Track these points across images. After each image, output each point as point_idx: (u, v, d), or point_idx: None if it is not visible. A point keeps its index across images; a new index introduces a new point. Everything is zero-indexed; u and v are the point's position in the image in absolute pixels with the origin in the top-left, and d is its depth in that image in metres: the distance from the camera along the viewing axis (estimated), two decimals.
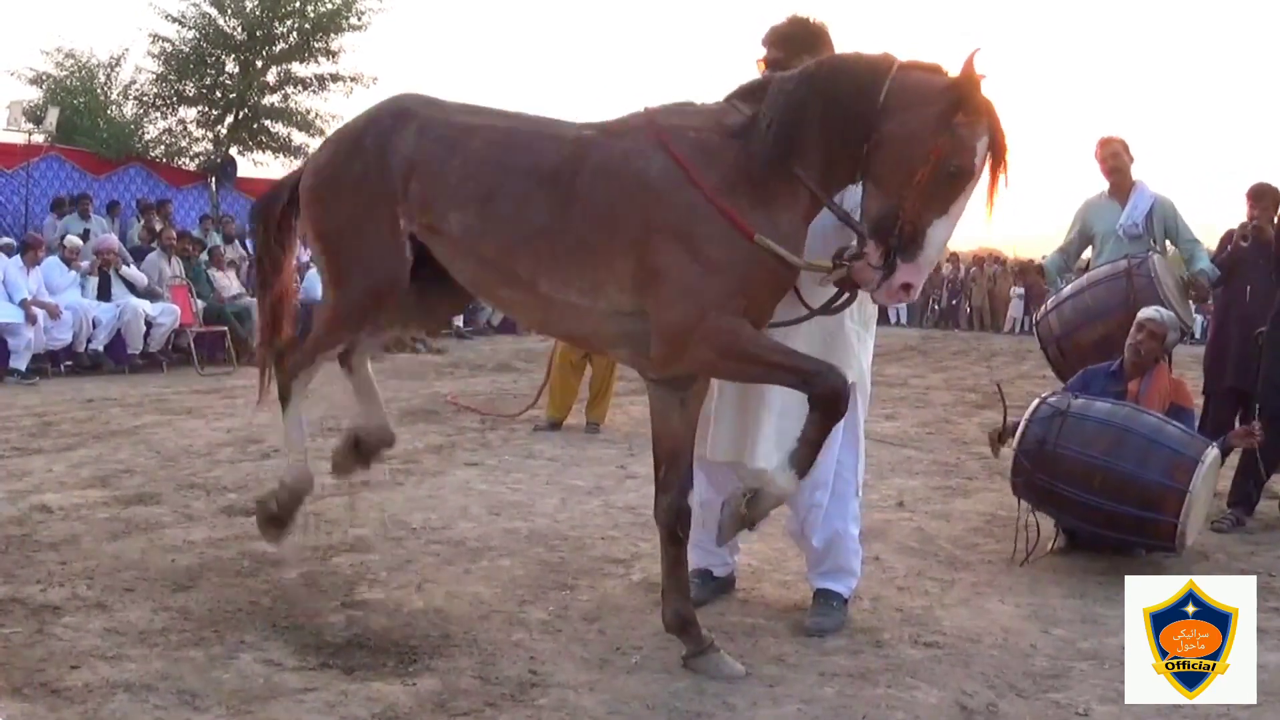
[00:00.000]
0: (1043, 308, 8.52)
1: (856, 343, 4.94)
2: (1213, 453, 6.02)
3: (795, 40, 4.78)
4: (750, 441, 4.87)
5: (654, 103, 4.48)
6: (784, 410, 4.73)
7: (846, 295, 4.46)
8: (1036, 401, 6.36)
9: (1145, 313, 6.82)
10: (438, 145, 4.52)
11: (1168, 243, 8.26)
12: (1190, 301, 8.08)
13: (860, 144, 4.09)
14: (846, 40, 4.68)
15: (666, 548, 4.62)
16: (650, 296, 4.21)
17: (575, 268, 4.30)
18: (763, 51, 4.87)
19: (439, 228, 4.51)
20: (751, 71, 4.84)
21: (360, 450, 5.32)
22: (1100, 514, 5.98)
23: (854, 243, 4.28)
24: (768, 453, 4.75)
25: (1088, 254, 8.76)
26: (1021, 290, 26.30)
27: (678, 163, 4.18)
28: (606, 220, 4.24)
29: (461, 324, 19.69)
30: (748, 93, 4.36)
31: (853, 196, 4.37)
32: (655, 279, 4.18)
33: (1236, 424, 7.65)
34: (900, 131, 4.00)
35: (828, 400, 4.12)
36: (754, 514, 4.28)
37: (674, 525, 4.61)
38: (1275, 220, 8.06)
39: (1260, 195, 8.14)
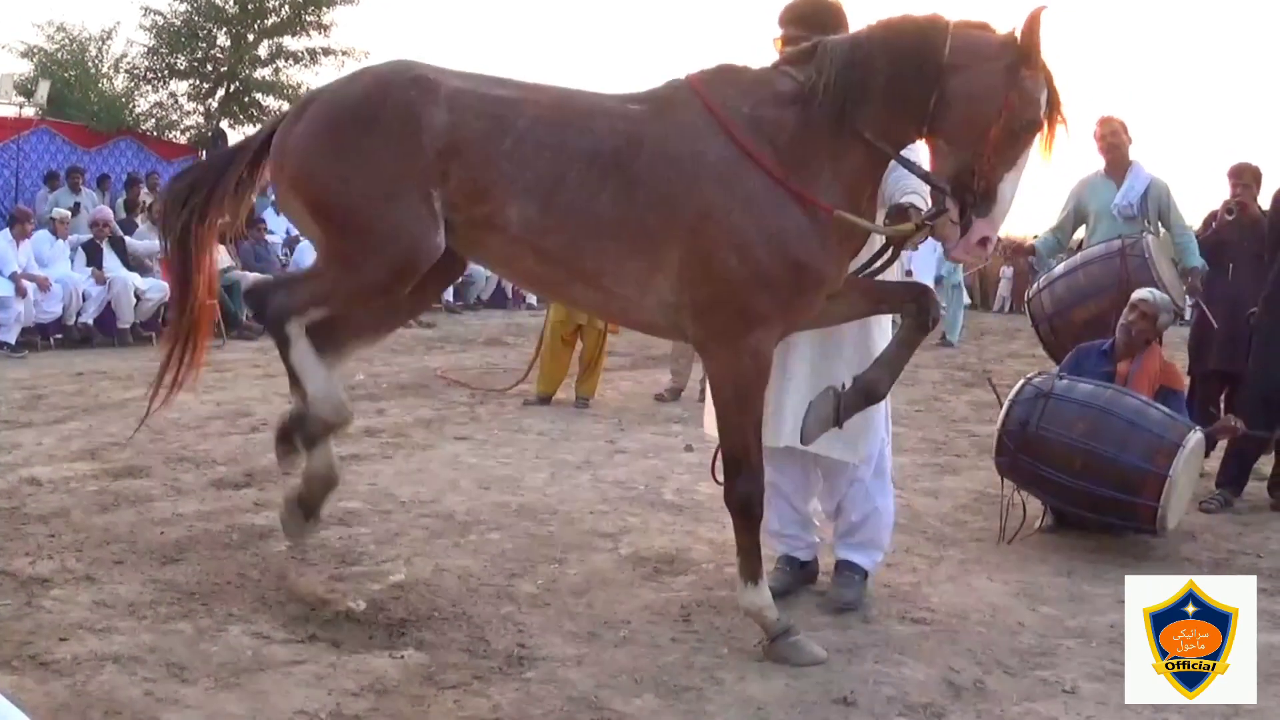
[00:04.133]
0: (1034, 285, 8.52)
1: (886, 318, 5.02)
2: (1195, 437, 6.01)
3: (813, 18, 4.75)
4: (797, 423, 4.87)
5: (687, 69, 4.39)
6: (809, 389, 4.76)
7: (887, 256, 4.49)
8: (1021, 382, 6.36)
9: (1138, 293, 6.82)
10: (481, 123, 4.20)
11: (1160, 225, 8.26)
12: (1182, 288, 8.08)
13: (924, 102, 4.06)
14: (859, 17, 4.68)
15: (740, 534, 4.46)
16: (692, 289, 4.18)
17: (634, 257, 4.20)
18: (779, 31, 4.85)
19: (494, 221, 4.22)
20: (769, 50, 4.82)
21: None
22: (1082, 496, 5.98)
23: (902, 201, 4.38)
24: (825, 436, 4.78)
25: (1080, 234, 8.76)
26: (1010, 270, 26.33)
27: (736, 143, 4.13)
28: (665, 205, 4.14)
29: (451, 298, 19.64)
30: (797, 58, 4.31)
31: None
32: (702, 270, 4.14)
33: (1222, 405, 7.67)
34: (968, 88, 4.00)
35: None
36: (839, 416, 4.38)
37: (747, 510, 4.43)
38: (1257, 197, 8.09)
39: (1240, 173, 8.17)
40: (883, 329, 4.93)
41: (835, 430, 4.52)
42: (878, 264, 4.52)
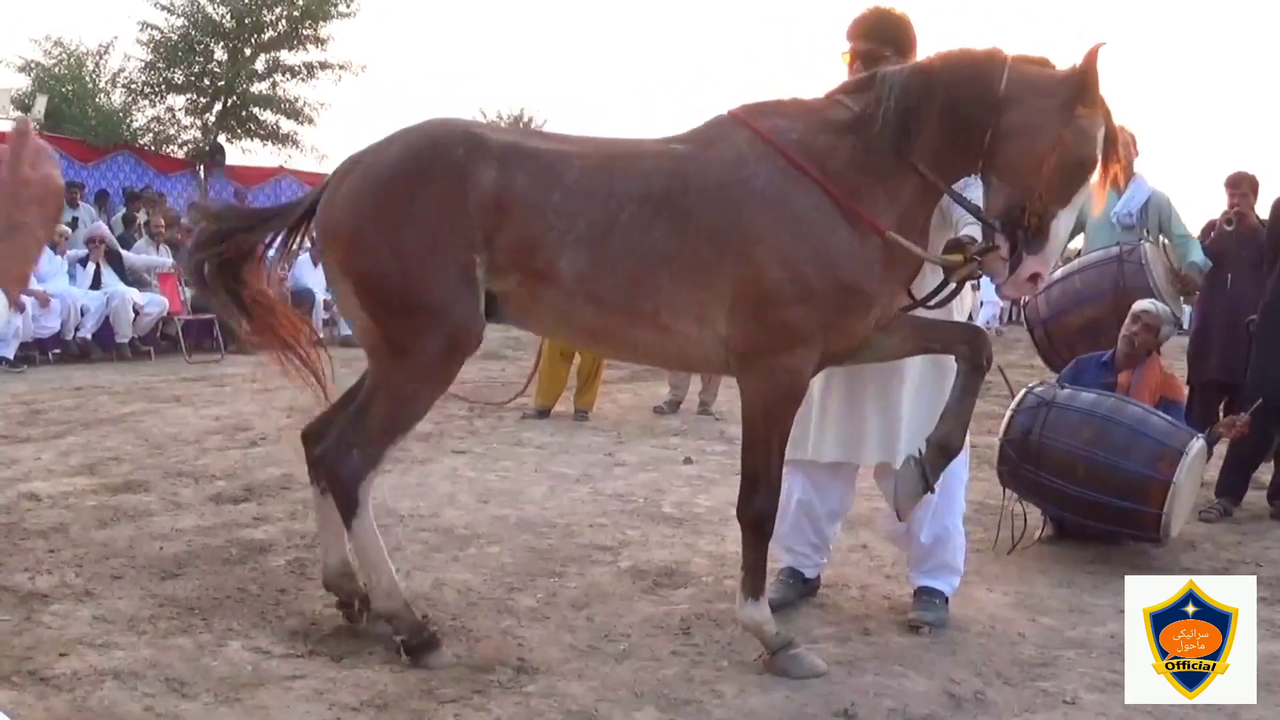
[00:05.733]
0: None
1: None
2: (1198, 444, 6.02)
3: (881, 32, 4.76)
4: (859, 440, 4.87)
5: (731, 104, 4.36)
6: (884, 409, 4.80)
7: (952, 289, 4.45)
8: (1023, 392, 6.36)
9: (1141, 305, 6.82)
10: (529, 180, 4.09)
11: (1161, 237, 8.29)
12: (1180, 295, 8.10)
13: (979, 136, 4.04)
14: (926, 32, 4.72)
15: (748, 548, 4.41)
16: (740, 311, 4.14)
17: (691, 291, 4.13)
18: (847, 45, 4.84)
19: (548, 272, 4.09)
20: (838, 66, 4.85)
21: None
22: (1085, 504, 5.98)
23: (961, 234, 4.38)
24: (873, 450, 4.84)
25: (1076, 243, 8.77)
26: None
27: (794, 165, 4.11)
28: (717, 236, 4.09)
29: None
30: (853, 88, 4.30)
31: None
32: (751, 293, 4.10)
33: (1221, 415, 7.68)
34: (1023, 123, 3.97)
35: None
36: (933, 478, 4.37)
37: (759, 524, 4.37)
38: (1254, 207, 8.12)
39: (1238, 183, 8.20)
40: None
41: (901, 443, 4.61)
42: (940, 297, 4.46)
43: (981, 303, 20.65)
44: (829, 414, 4.87)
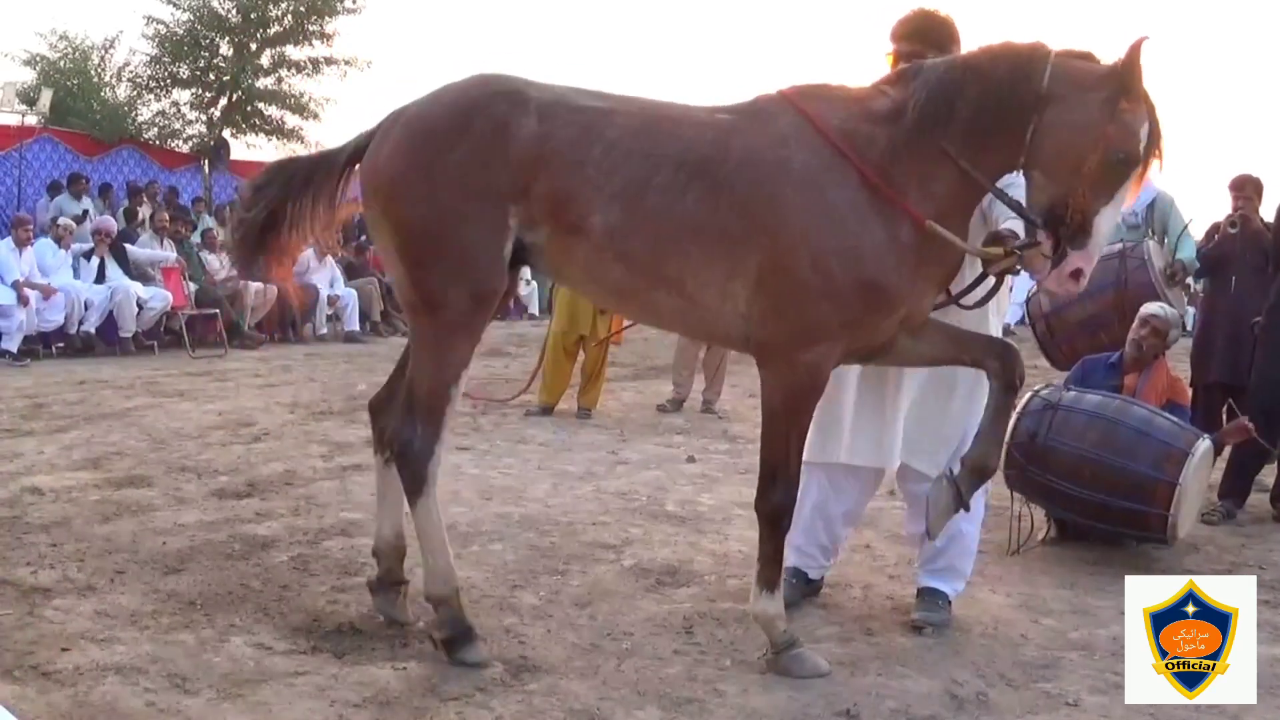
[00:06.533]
0: (1033, 285, 8.53)
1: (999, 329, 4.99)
2: (1204, 445, 6.02)
3: (926, 33, 4.75)
4: (891, 443, 4.84)
5: (781, 84, 4.33)
6: (909, 411, 4.80)
7: (991, 286, 4.42)
8: (1029, 395, 6.35)
9: (1149, 309, 6.82)
10: (570, 133, 4.12)
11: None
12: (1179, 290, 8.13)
13: (1020, 131, 4.01)
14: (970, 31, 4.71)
15: (764, 544, 4.37)
16: (767, 296, 4.11)
17: (716, 262, 4.12)
18: (890, 46, 4.82)
19: (581, 226, 4.12)
20: (882, 65, 4.81)
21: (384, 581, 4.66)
22: (1092, 506, 5.98)
23: (1001, 227, 4.34)
24: (913, 455, 4.84)
25: None
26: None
27: (834, 149, 4.09)
28: (748, 211, 4.08)
29: None
30: (895, 79, 4.28)
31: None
32: (774, 278, 4.08)
33: (1224, 418, 7.67)
34: (1066, 119, 3.94)
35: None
36: (967, 497, 4.34)
37: (777, 521, 4.33)
38: (1259, 209, 8.11)
39: (1242, 185, 8.18)
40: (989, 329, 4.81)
41: (923, 443, 4.63)
42: (977, 294, 4.43)
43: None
44: (861, 417, 4.84)
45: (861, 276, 4.06)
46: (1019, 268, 4.40)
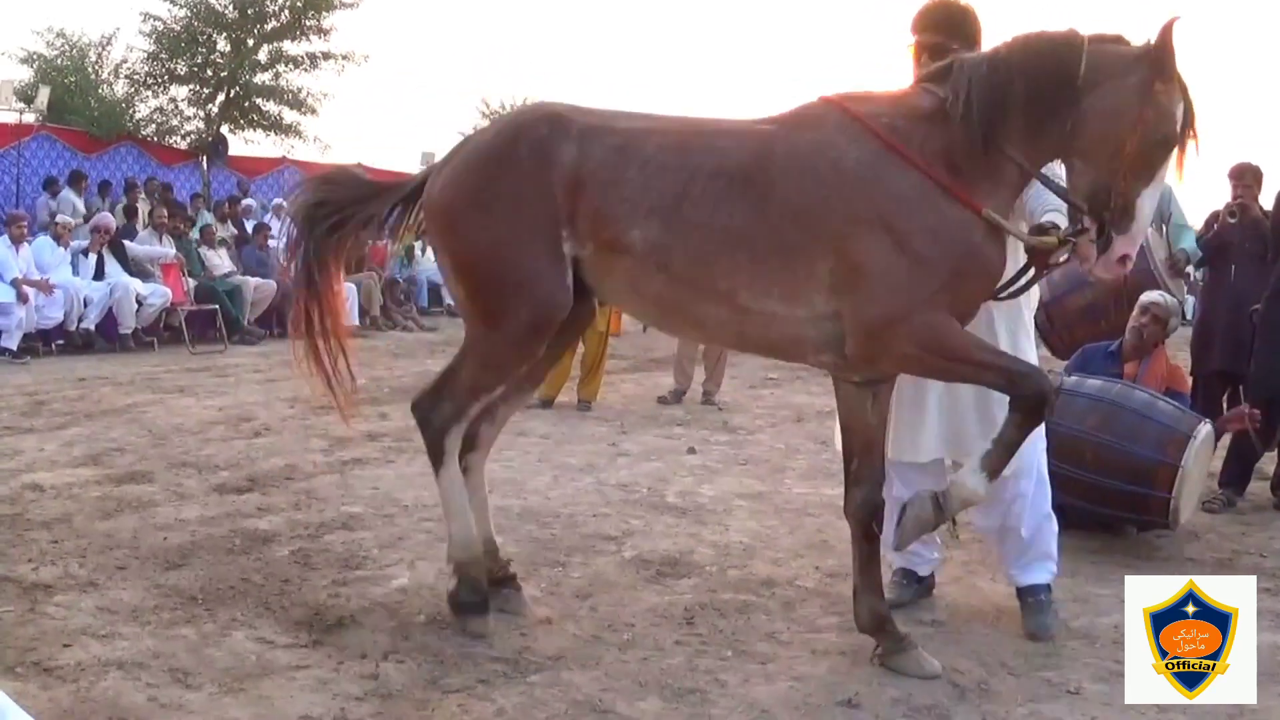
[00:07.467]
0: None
1: (1032, 325, 4.95)
2: (1205, 429, 6.02)
3: (947, 23, 4.73)
4: (960, 438, 4.76)
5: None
6: (979, 405, 4.70)
7: (1030, 275, 4.38)
8: None
9: (1149, 296, 6.82)
10: (609, 154, 4.22)
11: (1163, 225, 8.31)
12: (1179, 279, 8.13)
13: (1063, 119, 4.01)
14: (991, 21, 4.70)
15: (860, 544, 4.39)
16: (849, 294, 4.06)
17: (776, 272, 4.09)
18: (912, 38, 4.80)
19: (620, 243, 4.19)
20: (904, 56, 4.82)
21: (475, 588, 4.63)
22: (1093, 490, 5.96)
23: (1044, 220, 4.32)
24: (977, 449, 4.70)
25: None
26: None
27: (888, 146, 4.07)
28: (805, 217, 4.06)
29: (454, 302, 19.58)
30: (936, 76, 4.25)
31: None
32: (856, 275, 4.04)
33: (1224, 406, 7.67)
34: (1103, 104, 3.94)
35: (1032, 403, 4.05)
36: (939, 517, 4.22)
37: (868, 521, 4.35)
38: (1258, 198, 8.10)
39: (1242, 174, 8.17)
40: (1017, 346, 4.71)
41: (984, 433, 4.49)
42: (1020, 283, 4.39)
43: None
44: (921, 415, 4.77)
45: (952, 248, 4.03)
46: (1064, 256, 4.38)
